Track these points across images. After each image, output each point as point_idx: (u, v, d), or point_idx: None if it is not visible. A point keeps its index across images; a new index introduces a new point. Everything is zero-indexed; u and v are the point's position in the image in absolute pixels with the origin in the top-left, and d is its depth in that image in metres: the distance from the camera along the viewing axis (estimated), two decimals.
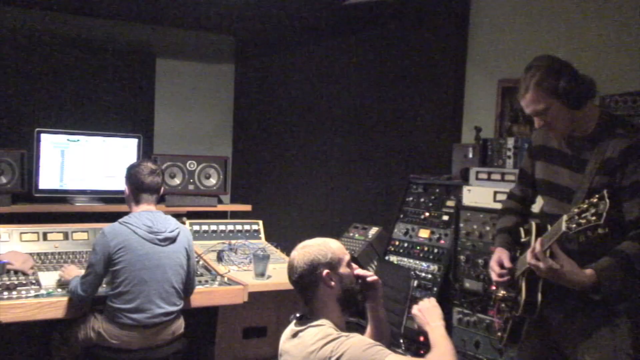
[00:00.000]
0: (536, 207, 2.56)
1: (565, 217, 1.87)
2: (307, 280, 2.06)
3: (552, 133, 2.20)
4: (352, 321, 2.92)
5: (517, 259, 2.30)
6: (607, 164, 2.06)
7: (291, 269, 2.11)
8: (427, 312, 2.08)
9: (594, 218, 1.77)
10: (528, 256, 2.00)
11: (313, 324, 2.00)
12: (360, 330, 2.28)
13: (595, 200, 1.79)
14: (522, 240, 2.29)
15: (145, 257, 2.82)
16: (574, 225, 1.83)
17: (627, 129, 2.09)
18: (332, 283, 2.03)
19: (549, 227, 2.09)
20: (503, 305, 2.32)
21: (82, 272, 2.94)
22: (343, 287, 2.05)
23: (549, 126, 2.15)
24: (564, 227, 1.86)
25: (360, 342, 1.89)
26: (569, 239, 2.00)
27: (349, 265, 2.11)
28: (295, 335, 2.04)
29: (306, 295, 2.08)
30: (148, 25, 4.58)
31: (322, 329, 1.96)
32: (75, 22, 4.31)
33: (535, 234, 2.17)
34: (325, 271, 2.03)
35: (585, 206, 1.81)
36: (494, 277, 2.31)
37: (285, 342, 2.09)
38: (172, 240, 2.92)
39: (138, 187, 2.95)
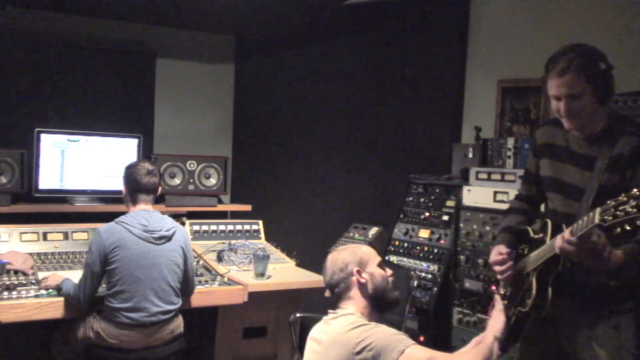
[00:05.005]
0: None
1: (599, 210, 1.82)
2: (338, 278, 2.16)
3: (569, 123, 2.14)
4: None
5: (524, 256, 2.30)
6: (617, 161, 2.05)
7: (324, 270, 2.23)
8: (494, 319, 2.14)
9: (634, 210, 1.72)
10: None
11: (344, 314, 2.10)
12: None
13: (636, 192, 1.75)
14: (536, 237, 2.27)
15: (140, 255, 2.82)
16: (609, 218, 1.78)
17: (636, 127, 2.10)
18: (363, 280, 2.14)
19: (563, 225, 2.08)
20: (506, 302, 2.32)
21: (66, 275, 2.94)
22: (374, 284, 2.15)
23: (572, 114, 2.10)
24: (597, 220, 1.81)
25: (387, 330, 2.00)
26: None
27: (380, 266, 2.21)
28: (326, 323, 2.13)
29: (338, 294, 2.18)
30: (148, 25, 4.58)
31: (352, 317, 2.07)
32: (75, 22, 4.31)
33: (551, 231, 2.15)
34: (356, 268, 2.15)
35: (624, 199, 1.76)
36: (496, 267, 2.28)
37: (315, 330, 2.17)
38: (168, 238, 2.92)
39: (135, 187, 2.96)
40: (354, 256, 2.18)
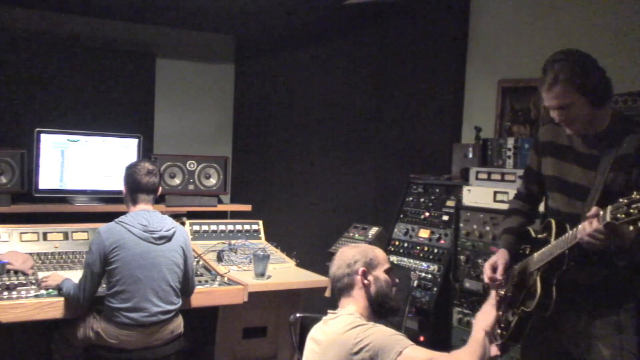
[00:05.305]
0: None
1: (610, 208, 1.82)
2: (342, 272, 2.15)
3: (569, 129, 2.17)
4: None
5: (525, 256, 2.30)
6: (622, 160, 2.05)
7: (333, 262, 2.22)
8: (485, 313, 2.14)
9: None
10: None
11: (344, 314, 2.09)
12: None
13: None
14: (539, 237, 2.27)
15: (140, 255, 2.82)
16: (622, 216, 1.76)
17: None
18: (366, 281, 2.13)
19: (567, 225, 2.08)
20: (507, 302, 2.31)
21: (66, 275, 2.95)
22: (377, 288, 2.14)
23: (568, 121, 2.13)
24: (609, 218, 1.81)
25: (385, 330, 1.99)
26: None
27: (388, 272, 2.19)
28: (325, 323, 2.13)
29: (340, 289, 2.17)
30: (148, 25, 4.58)
31: (351, 317, 2.06)
32: (75, 22, 4.31)
33: (556, 232, 2.15)
34: (362, 268, 2.13)
35: (636, 197, 1.74)
36: (485, 279, 2.33)
37: (315, 329, 2.17)
38: (168, 239, 2.92)
39: (135, 187, 2.96)
40: (364, 256, 2.16)
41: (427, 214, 3.65)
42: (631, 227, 1.77)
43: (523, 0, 3.72)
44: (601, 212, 1.86)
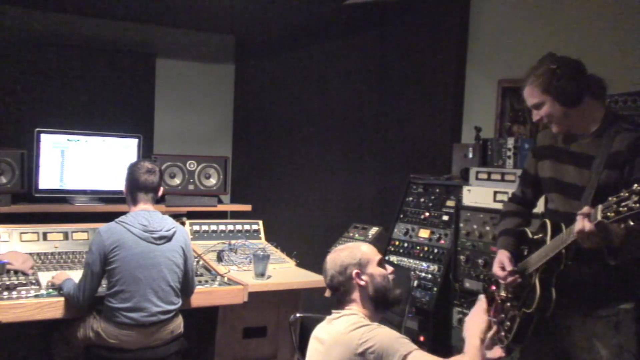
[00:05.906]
0: (537, 208, 2.56)
1: (600, 207, 1.82)
2: (338, 281, 2.15)
3: (552, 128, 2.22)
4: None
5: (524, 257, 2.31)
6: (614, 157, 2.07)
7: (324, 272, 2.21)
8: (479, 321, 2.06)
9: (638, 205, 1.69)
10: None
11: (347, 314, 2.09)
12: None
13: (638, 187, 1.71)
14: (535, 237, 2.28)
15: (140, 255, 2.82)
16: (612, 214, 1.76)
17: (632, 124, 2.12)
18: (363, 282, 2.12)
19: (562, 224, 2.09)
20: (508, 304, 2.31)
21: (73, 275, 2.95)
22: (375, 284, 2.13)
23: (545, 120, 2.20)
24: (599, 217, 1.81)
25: (390, 332, 1.99)
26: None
27: (380, 265, 2.18)
28: (328, 323, 2.13)
29: (339, 295, 2.17)
30: (148, 25, 4.58)
31: (354, 317, 2.06)
32: (75, 22, 4.31)
33: (551, 231, 2.16)
34: (355, 271, 2.12)
35: (625, 194, 1.74)
36: (500, 279, 2.33)
37: (318, 329, 2.17)
38: (168, 239, 2.92)
39: (134, 185, 2.97)
40: (353, 258, 2.15)
41: (427, 214, 3.65)
42: (622, 225, 1.77)
43: (523, 1, 3.72)
44: (592, 211, 1.87)
